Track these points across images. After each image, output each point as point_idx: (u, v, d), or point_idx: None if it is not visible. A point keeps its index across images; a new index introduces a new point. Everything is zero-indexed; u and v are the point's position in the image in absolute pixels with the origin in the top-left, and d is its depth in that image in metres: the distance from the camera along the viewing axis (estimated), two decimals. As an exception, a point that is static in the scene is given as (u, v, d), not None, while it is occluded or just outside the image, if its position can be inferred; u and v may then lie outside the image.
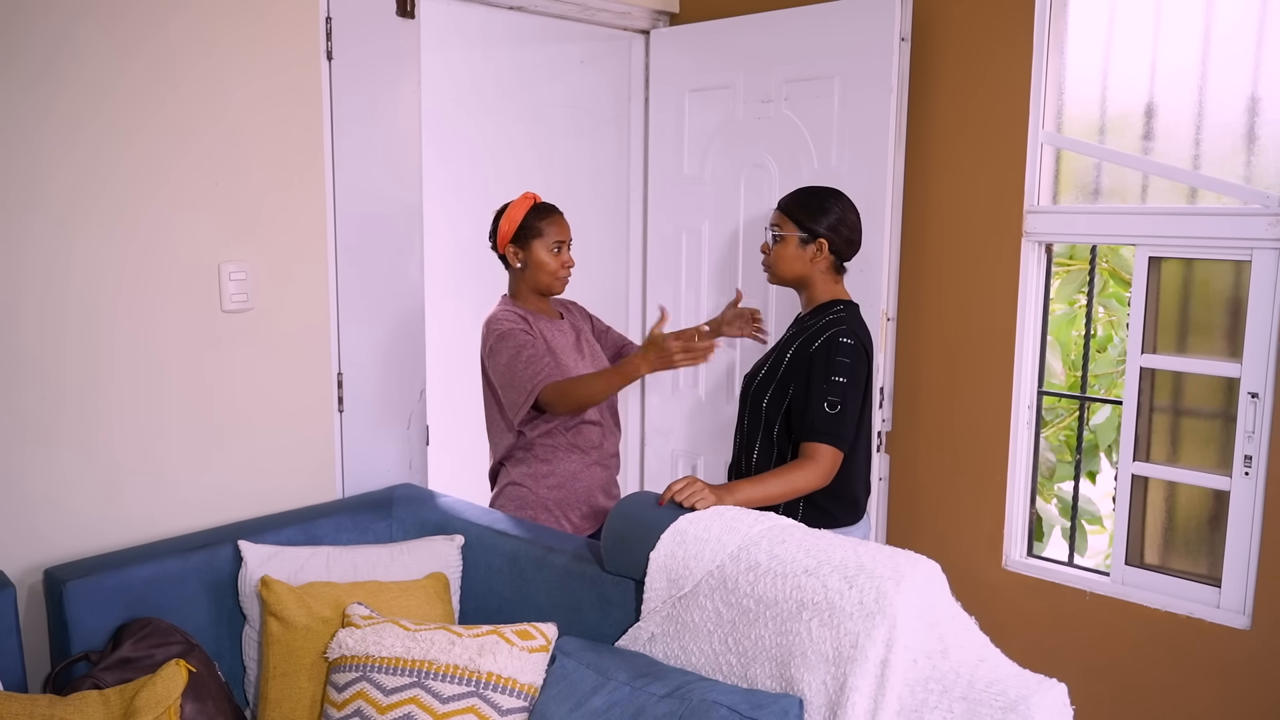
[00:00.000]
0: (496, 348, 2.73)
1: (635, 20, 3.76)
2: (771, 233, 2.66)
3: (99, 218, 2.37)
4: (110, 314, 2.42)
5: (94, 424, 2.42)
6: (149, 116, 2.43)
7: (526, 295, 2.86)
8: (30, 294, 2.30)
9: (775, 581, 2.02)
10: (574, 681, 2.14)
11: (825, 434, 2.47)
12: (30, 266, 2.29)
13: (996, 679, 1.82)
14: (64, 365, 2.36)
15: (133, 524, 2.50)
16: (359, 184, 2.85)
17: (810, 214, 2.62)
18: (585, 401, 2.66)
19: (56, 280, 2.33)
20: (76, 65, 2.30)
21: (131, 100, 2.40)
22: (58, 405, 2.36)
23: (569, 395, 2.66)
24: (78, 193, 2.34)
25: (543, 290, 2.84)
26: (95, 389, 2.41)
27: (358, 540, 2.71)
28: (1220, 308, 2.88)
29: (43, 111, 2.27)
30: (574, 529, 2.83)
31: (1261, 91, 2.73)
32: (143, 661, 2.17)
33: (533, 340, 2.72)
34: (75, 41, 2.30)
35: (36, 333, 2.31)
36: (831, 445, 2.47)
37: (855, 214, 2.65)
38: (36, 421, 2.33)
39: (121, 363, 2.45)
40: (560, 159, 4.07)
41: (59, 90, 2.28)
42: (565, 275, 2.84)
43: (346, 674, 2.20)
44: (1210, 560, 2.95)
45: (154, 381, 2.50)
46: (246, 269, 2.63)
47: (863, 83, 3.24)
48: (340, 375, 2.87)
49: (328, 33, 2.75)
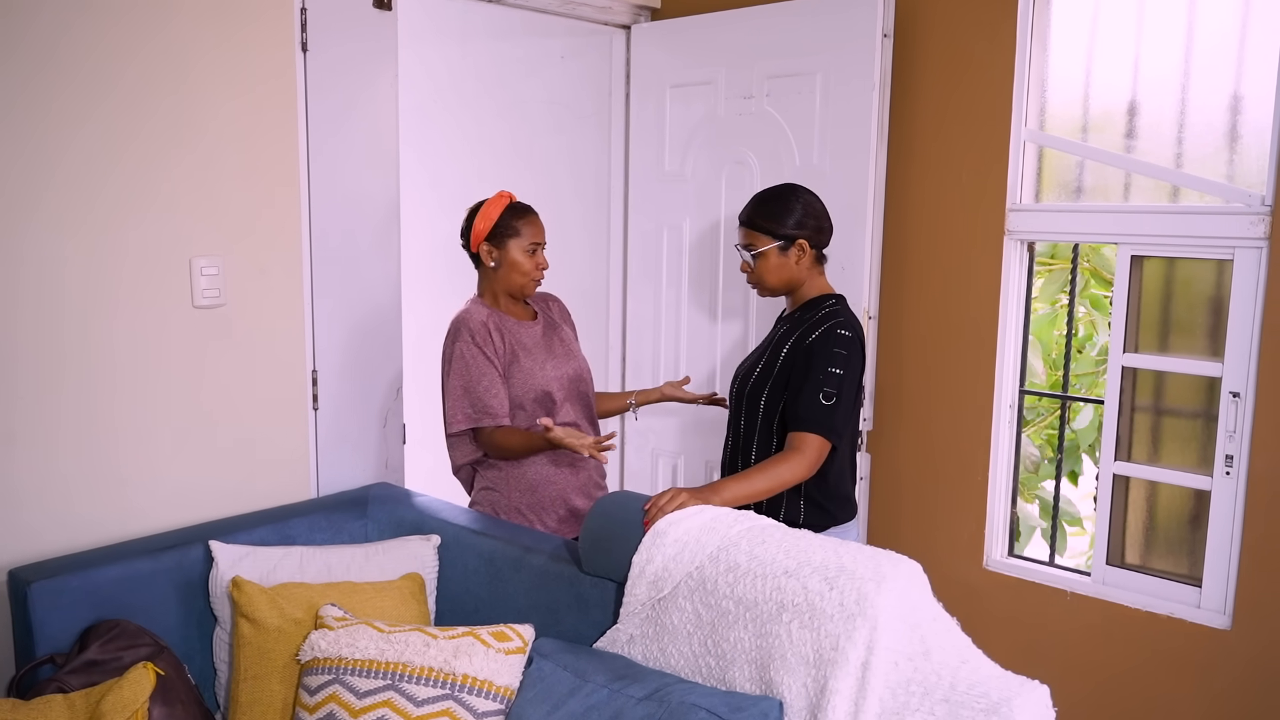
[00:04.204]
0: (453, 365, 2.69)
1: (616, 15, 3.73)
2: (747, 252, 2.62)
3: (59, 210, 2.32)
4: (75, 309, 2.37)
5: (59, 421, 2.37)
6: (112, 106, 2.37)
7: (497, 295, 2.81)
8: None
9: (755, 583, 2.00)
10: (551, 684, 2.12)
11: (816, 424, 2.44)
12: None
13: (978, 681, 1.80)
14: (27, 362, 2.31)
15: (101, 523, 2.45)
16: (334, 178, 2.81)
17: (777, 219, 2.58)
18: (503, 453, 2.72)
19: (16, 275, 2.27)
20: (28, 52, 2.25)
21: (91, 88, 2.34)
22: (21, 402, 2.31)
23: (491, 441, 2.70)
24: (35, 185, 2.28)
25: (514, 292, 2.80)
26: (60, 386, 2.36)
27: (332, 540, 2.67)
28: (1202, 307, 2.88)
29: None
30: (553, 533, 2.79)
31: (1244, 90, 2.72)
32: (110, 664, 2.13)
33: (489, 370, 2.68)
34: (27, 27, 2.24)
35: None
36: (820, 436, 2.44)
37: (817, 200, 2.63)
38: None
39: (88, 359, 2.40)
40: (540, 155, 4.04)
41: (8, 79, 2.23)
42: (539, 277, 2.79)
43: (319, 677, 2.17)
44: (1191, 560, 2.94)
45: (122, 378, 2.46)
46: (218, 264, 2.58)
47: (845, 79, 3.22)
48: (315, 372, 2.83)
49: (302, 24, 2.70)
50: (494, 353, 2.69)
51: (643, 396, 3.07)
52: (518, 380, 2.71)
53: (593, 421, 2.91)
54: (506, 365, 2.71)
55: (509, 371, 2.71)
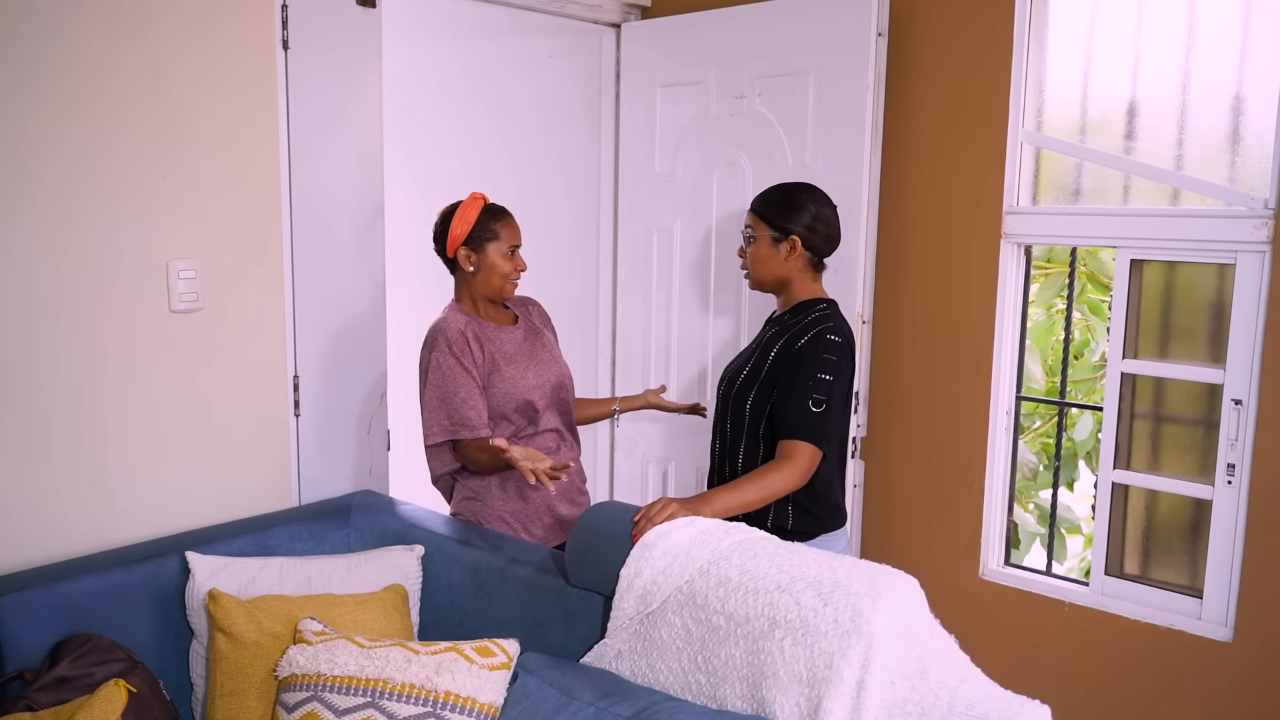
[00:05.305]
0: (430, 376, 2.64)
1: (606, 13, 3.68)
2: (745, 235, 2.60)
3: (36, 212, 2.26)
4: (50, 313, 2.30)
5: (32, 429, 2.30)
6: (89, 105, 2.31)
7: (476, 301, 2.75)
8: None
9: (746, 598, 1.95)
10: (536, 701, 2.06)
11: (807, 432, 2.39)
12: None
13: (977, 701, 1.76)
14: (0, 367, 2.25)
15: (73, 535, 2.39)
16: (317, 180, 2.75)
17: (780, 211, 2.55)
18: (473, 466, 2.67)
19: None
20: (6, 53, 2.19)
21: (69, 89, 2.28)
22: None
23: (465, 454, 2.65)
24: (12, 186, 2.22)
25: (494, 296, 2.74)
26: (34, 392, 2.30)
27: (313, 550, 2.60)
28: (1203, 312, 2.83)
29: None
30: (539, 543, 2.73)
31: (1246, 91, 2.67)
32: (81, 680, 2.07)
33: (467, 381, 2.62)
34: (14, 34, 2.18)
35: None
36: (811, 444, 2.40)
37: (830, 208, 2.58)
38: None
39: (62, 364, 2.33)
40: (529, 156, 3.99)
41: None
42: (517, 280, 2.74)
43: (297, 693, 2.10)
44: (1191, 571, 2.90)
45: (97, 384, 2.39)
46: (196, 267, 2.52)
47: (838, 79, 3.17)
48: (296, 378, 2.77)
49: (284, 21, 2.64)
50: (472, 362, 2.64)
51: (626, 403, 3.04)
52: (499, 389, 2.65)
53: (571, 429, 2.85)
54: (487, 375, 2.66)
55: (490, 381, 2.66)
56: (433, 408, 2.64)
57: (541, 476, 2.37)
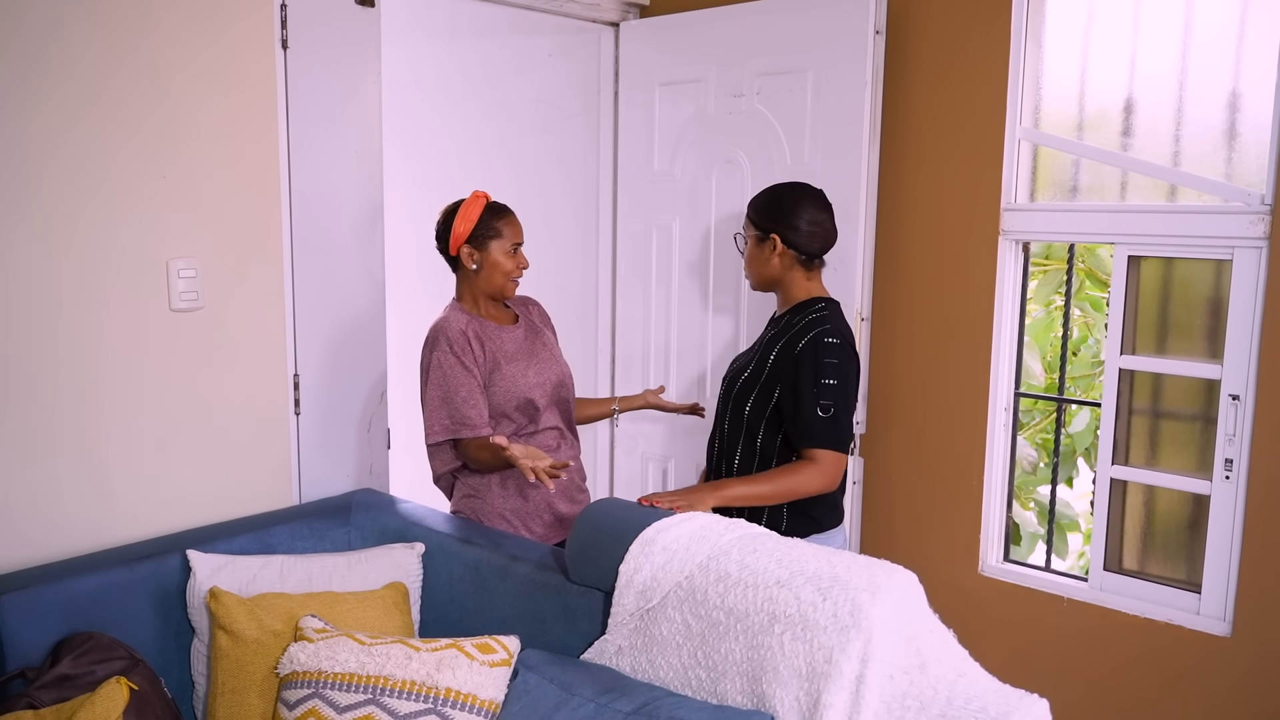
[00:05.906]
0: (431, 375, 2.64)
1: (605, 12, 3.68)
2: (741, 237, 2.64)
3: (36, 211, 2.26)
4: (50, 312, 2.31)
5: (33, 428, 2.31)
6: (89, 104, 2.31)
7: (477, 299, 2.75)
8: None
9: (746, 593, 1.95)
10: (537, 697, 2.06)
11: (824, 439, 2.42)
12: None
13: (976, 695, 1.76)
14: (1, 366, 2.25)
15: (75, 533, 2.39)
16: (316, 179, 2.76)
17: (760, 209, 2.59)
18: (474, 465, 2.67)
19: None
20: (6, 53, 2.19)
21: (69, 88, 2.28)
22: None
23: (466, 450, 2.65)
24: (12, 186, 2.22)
25: (496, 294, 2.74)
26: (35, 391, 2.30)
27: (314, 548, 2.61)
28: (1201, 308, 2.83)
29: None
30: (539, 540, 2.74)
31: (1243, 87, 2.68)
32: (82, 679, 2.07)
33: (468, 380, 2.62)
34: (8, 31, 2.18)
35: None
36: (832, 450, 2.43)
37: (819, 206, 2.58)
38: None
39: (63, 364, 2.34)
40: (528, 155, 4.00)
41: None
42: (520, 277, 2.75)
43: (298, 691, 2.11)
44: (1190, 566, 2.90)
45: (98, 383, 2.40)
46: (196, 266, 2.52)
47: (836, 76, 3.18)
48: (296, 376, 2.78)
49: (283, 20, 2.65)
50: (473, 361, 2.64)
51: (626, 403, 3.05)
52: (501, 388, 2.66)
53: (571, 427, 2.86)
54: (488, 374, 2.66)
55: (491, 379, 2.66)
56: (434, 407, 2.64)
57: (541, 475, 2.38)
